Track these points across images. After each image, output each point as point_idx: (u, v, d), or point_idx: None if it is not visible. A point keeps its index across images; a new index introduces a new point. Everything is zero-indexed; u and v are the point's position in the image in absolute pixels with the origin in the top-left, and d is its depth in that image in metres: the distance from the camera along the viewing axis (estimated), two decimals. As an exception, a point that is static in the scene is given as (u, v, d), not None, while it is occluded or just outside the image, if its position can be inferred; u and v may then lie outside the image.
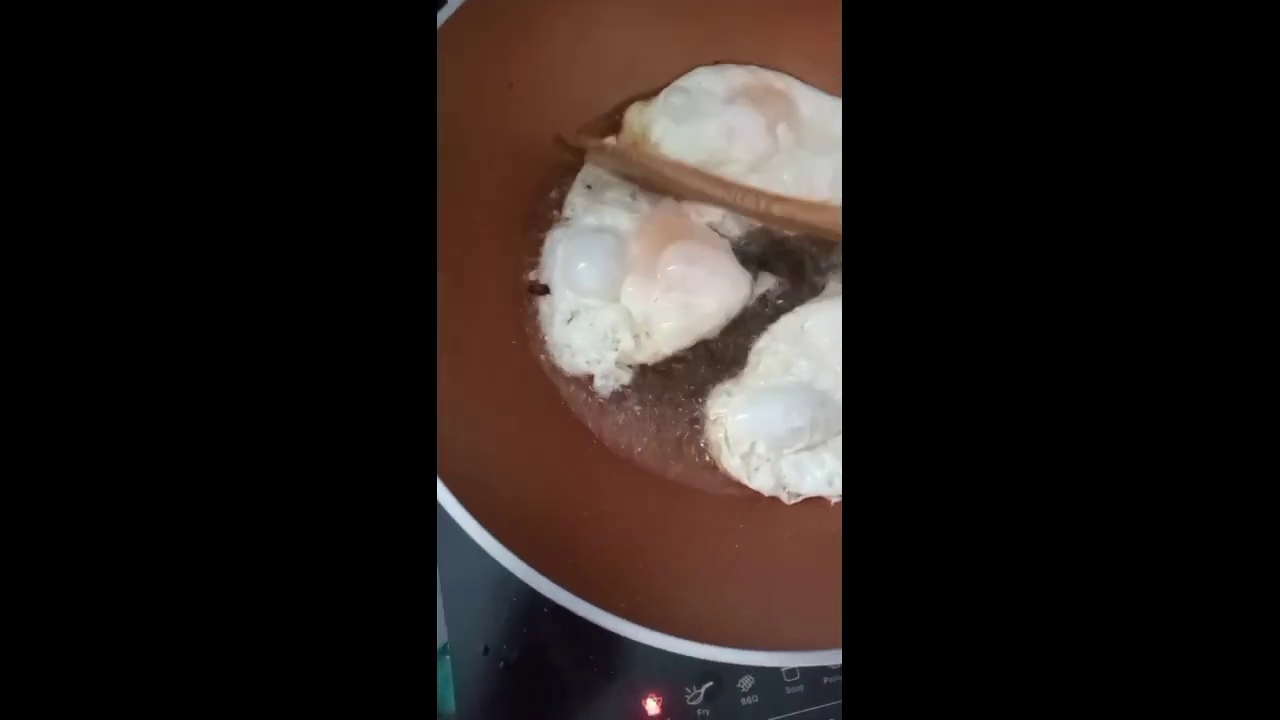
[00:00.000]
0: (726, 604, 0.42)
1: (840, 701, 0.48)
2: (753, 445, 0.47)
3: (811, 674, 0.49)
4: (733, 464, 0.48)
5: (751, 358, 0.50)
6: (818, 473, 0.48)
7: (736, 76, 0.54)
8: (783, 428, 0.47)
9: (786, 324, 0.50)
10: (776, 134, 0.53)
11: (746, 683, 0.48)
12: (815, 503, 0.48)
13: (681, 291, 0.49)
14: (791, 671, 0.49)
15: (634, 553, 0.43)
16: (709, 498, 0.49)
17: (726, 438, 0.48)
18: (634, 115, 0.53)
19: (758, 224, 0.53)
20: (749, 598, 0.43)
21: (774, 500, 0.48)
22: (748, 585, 0.44)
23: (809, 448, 0.47)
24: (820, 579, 0.43)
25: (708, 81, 0.54)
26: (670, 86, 0.54)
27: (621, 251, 0.49)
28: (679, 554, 0.45)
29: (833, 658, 0.39)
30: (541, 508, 0.43)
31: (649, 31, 0.53)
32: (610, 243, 0.49)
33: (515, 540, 0.38)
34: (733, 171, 0.52)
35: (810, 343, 0.49)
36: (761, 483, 0.48)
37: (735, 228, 0.53)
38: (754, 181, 0.52)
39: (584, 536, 0.43)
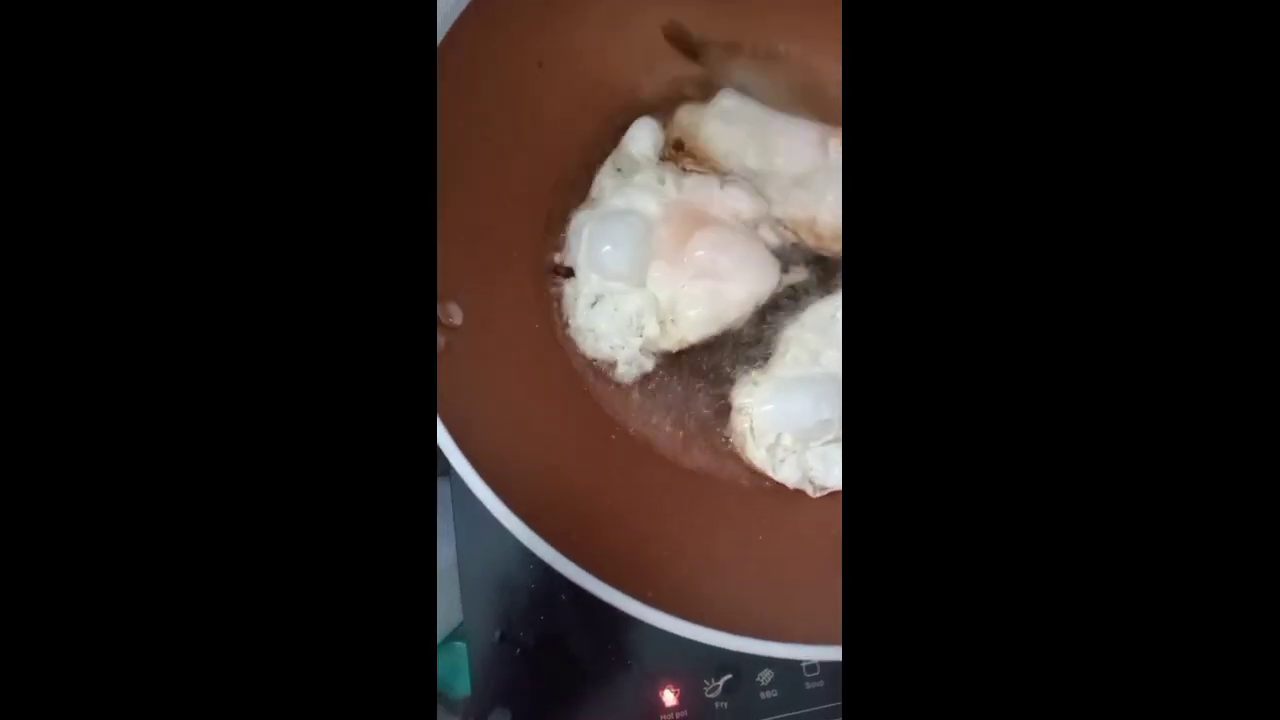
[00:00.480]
0: (747, 594, 0.41)
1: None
2: (779, 436, 0.47)
3: (832, 669, 0.48)
4: (758, 455, 0.47)
5: (779, 347, 0.49)
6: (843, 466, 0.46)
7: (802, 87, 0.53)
8: (810, 419, 0.46)
9: (816, 313, 0.49)
10: (828, 149, 0.52)
11: (766, 676, 0.48)
12: (839, 497, 0.47)
13: (710, 278, 0.48)
14: (812, 666, 0.48)
15: (654, 539, 0.43)
16: (732, 487, 0.48)
17: (752, 428, 0.47)
18: (684, 115, 0.53)
19: (793, 228, 0.52)
20: (770, 589, 0.42)
21: (798, 492, 0.47)
22: (770, 576, 0.43)
23: (836, 440, 0.46)
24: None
25: (770, 89, 0.53)
26: (725, 90, 0.53)
27: (648, 235, 0.48)
28: (699, 542, 0.44)
29: None
30: (562, 490, 0.43)
31: (682, 13, 0.52)
32: (637, 226, 0.48)
33: (536, 519, 0.37)
34: (777, 184, 0.51)
35: (839, 333, 0.48)
36: (787, 475, 0.47)
37: (767, 226, 0.51)
38: (797, 195, 0.51)
39: (604, 521, 0.43)
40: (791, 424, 0.46)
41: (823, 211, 0.50)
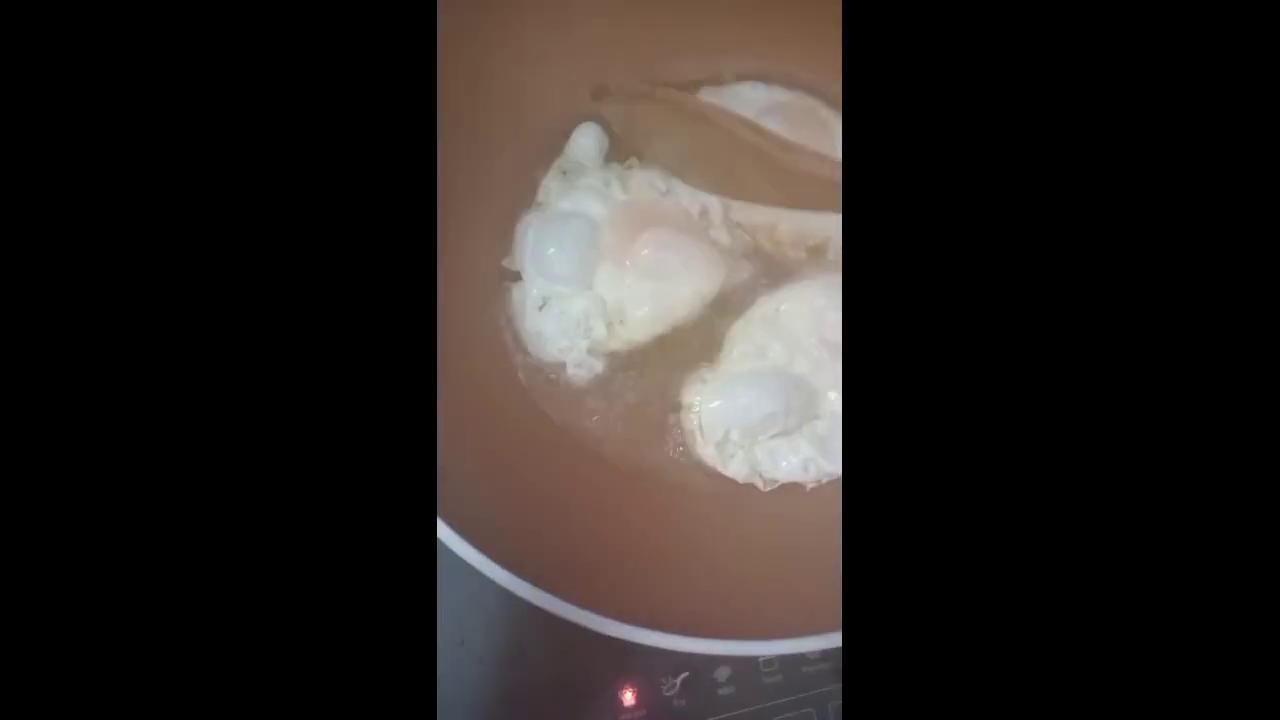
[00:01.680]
0: (700, 594, 0.41)
1: (818, 691, 0.48)
2: (727, 433, 0.47)
3: (789, 663, 0.48)
4: (707, 452, 0.47)
5: (726, 344, 0.49)
6: (793, 459, 0.47)
7: (779, 95, 0.54)
8: (756, 414, 0.46)
9: (761, 308, 0.49)
10: None
11: (723, 673, 0.48)
12: (790, 490, 0.48)
13: (655, 278, 0.48)
14: (769, 661, 0.48)
15: (605, 544, 0.43)
16: (683, 487, 0.48)
17: (700, 426, 0.47)
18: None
19: (735, 209, 0.52)
20: (723, 587, 0.42)
21: (748, 488, 0.48)
22: (721, 574, 0.43)
23: (784, 433, 0.47)
24: (795, 566, 0.43)
25: (747, 92, 0.54)
26: (706, 89, 0.53)
27: (594, 237, 0.48)
28: (650, 544, 0.44)
29: (806, 644, 0.38)
30: (508, 501, 0.43)
31: (624, 19, 0.53)
32: (582, 228, 0.48)
33: (480, 536, 0.37)
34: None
35: (785, 326, 0.48)
36: (736, 470, 0.47)
37: (713, 213, 0.52)
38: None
39: (552, 528, 0.43)
40: (739, 419, 0.46)
41: (783, 216, 0.51)
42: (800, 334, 0.48)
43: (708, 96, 0.52)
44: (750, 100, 0.52)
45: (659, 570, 0.42)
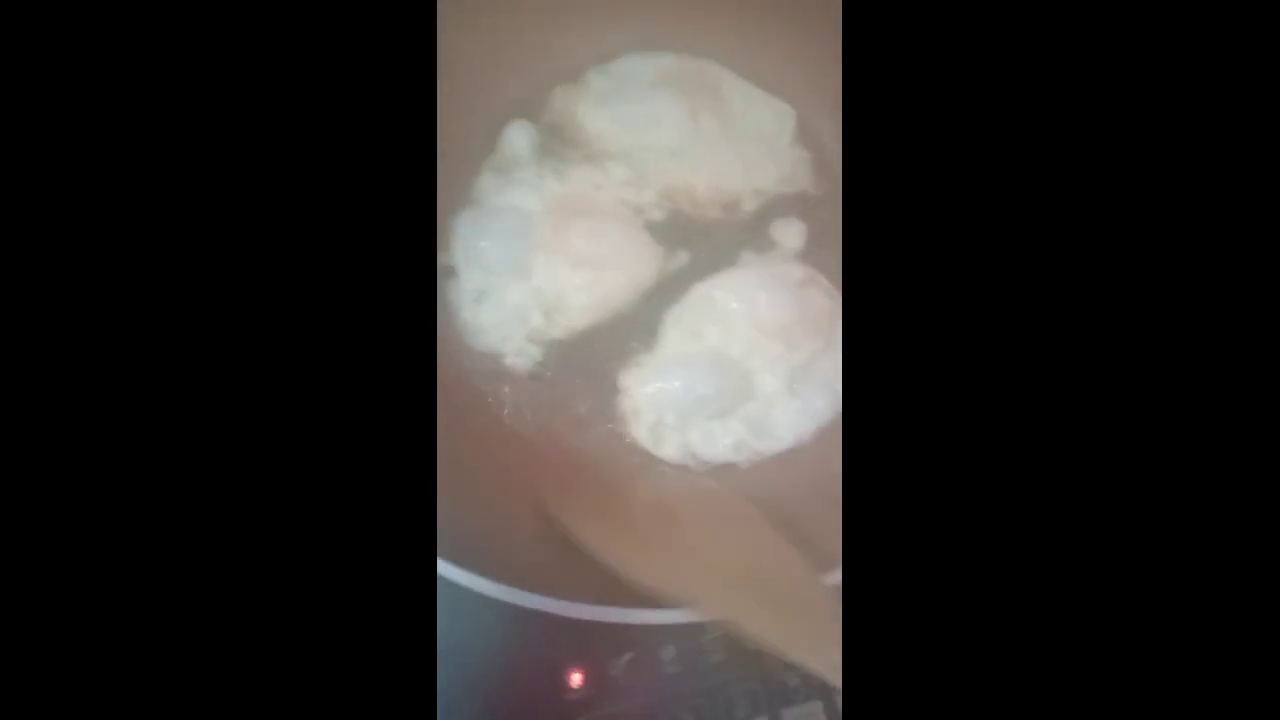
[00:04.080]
0: (636, 568, 0.43)
1: (760, 669, 0.49)
2: (661, 416, 0.48)
3: (734, 642, 0.49)
4: (641, 434, 0.48)
5: (662, 329, 0.50)
6: (725, 440, 0.48)
7: (665, 62, 0.56)
8: (689, 397, 0.47)
9: (698, 293, 0.50)
10: (699, 121, 0.54)
11: (668, 653, 0.49)
12: (724, 468, 0.49)
13: (591, 267, 0.49)
14: (713, 640, 0.49)
15: (542, 526, 0.44)
16: (623, 469, 0.49)
17: (635, 409, 0.48)
18: (559, 96, 0.54)
19: (671, 197, 0.53)
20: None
21: (685, 468, 0.49)
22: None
23: (718, 415, 0.48)
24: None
25: (635, 66, 0.55)
26: (595, 69, 0.55)
27: (527, 229, 0.49)
28: (589, 524, 0.45)
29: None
30: (450, 490, 0.43)
31: (567, 14, 0.54)
32: (513, 220, 0.49)
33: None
34: (651, 157, 0.53)
35: (721, 311, 0.49)
36: (669, 453, 0.48)
37: (648, 202, 0.53)
38: (673, 167, 0.53)
39: (491, 516, 0.44)
40: (672, 402, 0.47)
41: (698, 179, 0.52)
42: (736, 318, 0.49)
43: (597, 79, 0.54)
44: (640, 74, 0.54)
45: (595, 548, 0.43)
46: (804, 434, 0.49)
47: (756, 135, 0.54)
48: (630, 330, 0.51)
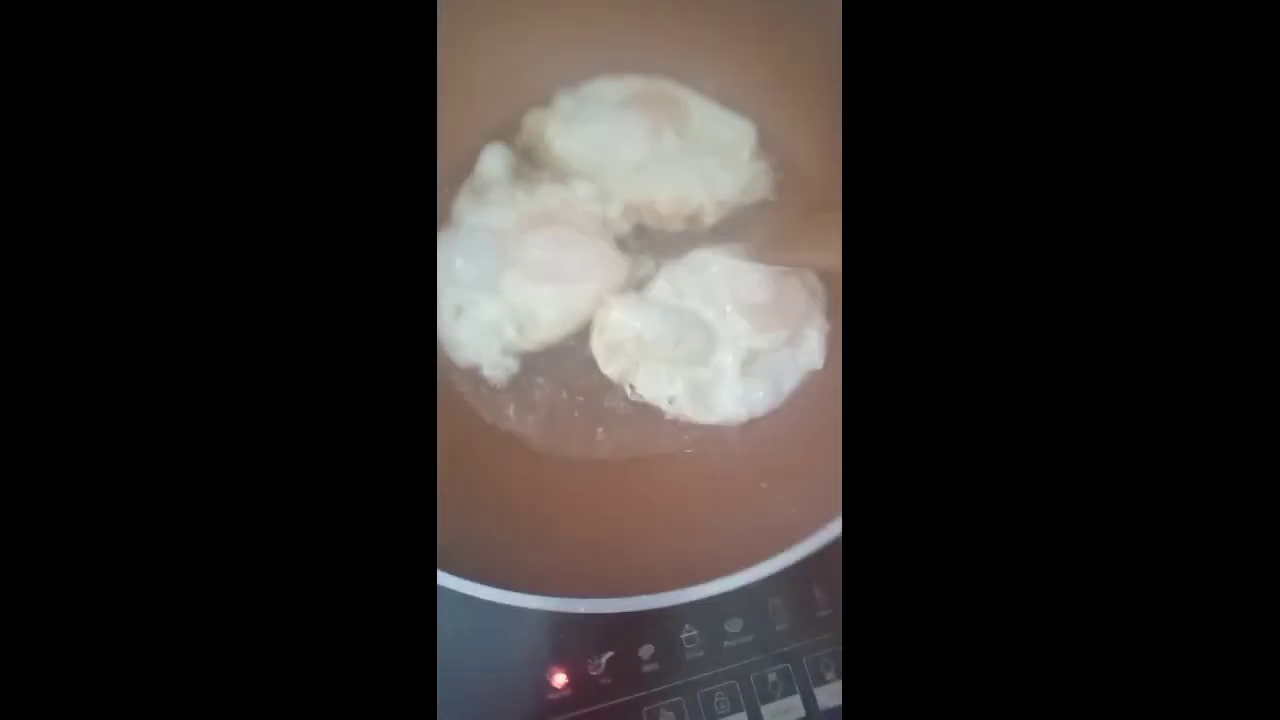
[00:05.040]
0: (611, 561, 0.44)
1: (739, 664, 0.49)
2: (622, 340, 0.51)
3: (711, 639, 0.50)
4: (597, 349, 0.52)
5: (656, 278, 0.53)
6: (665, 388, 0.51)
7: (632, 84, 0.59)
8: (650, 332, 0.50)
9: (695, 257, 0.53)
10: (661, 139, 0.57)
11: (647, 651, 0.50)
12: (691, 459, 0.51)
13: (558, 280, 0.51)
14: (691, 639, 0.50)
15: (517, 522, 0.45)
16: (598, 469, 0.51)
17: (604, 325, 0.52)
18: (531, 119, 0.58)
19: (636, 211, 0.56)
20: (631, 550, 0.45)
21: (665, 459, 0.51)
22: (634, 539, 0.46)
23: (669, 362, 0.51)
24: (695, 530, 0.46)
25: (604, 88, 0.59)
26: (565, 92, 0.58)
27: (498, 245, 0.52)
28: (563, 521, 0.47)
29: (717, 588, 0.41)
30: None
31: (538, 43, 0.57)
32: (486, 237, 0.52)
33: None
34: (618, 175, 0.56)
35: (709, 277, 0.52)
36: (613, 372, 0.52)
37: (615, 212, 0.55)
38: (636, 183, 0.56)
39: (474, 519, 0.46)
40: (634, 329, 0.50)
41: (659, 193, 0.55)
42: (718, 288, 0.52)
43: (566, 103, 0.57)
44: (607, 95, 0.57)
45: (571, 543, 0.45)
46: (735, 417, 0.51)
47: (717, 150, 0.56)
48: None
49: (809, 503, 0.43)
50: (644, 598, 0.42)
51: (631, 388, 0.52)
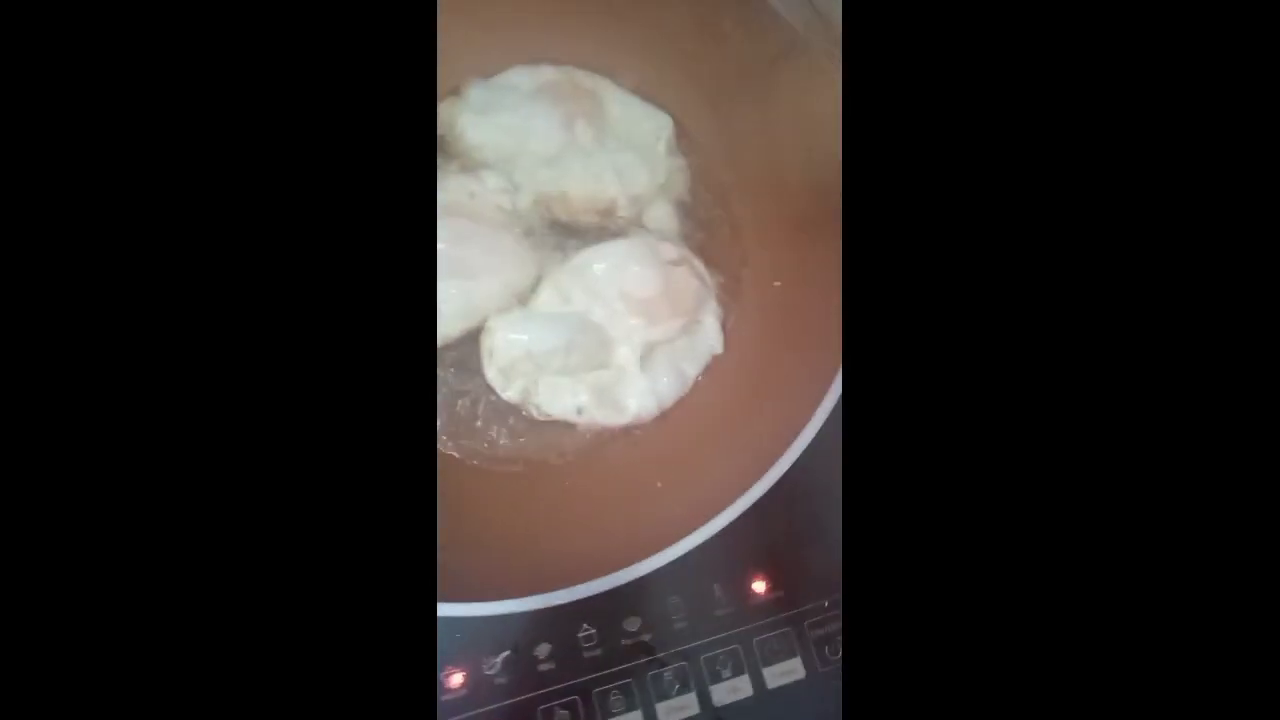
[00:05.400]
0: (497, 563, 0.43)
1: (634, 663, 0.49)
2: (514, 360, 0.49)
3: (609, 637, 0.50)
4: (490, 374, 0.50)
5: (539, 287, 0.52)
6: (568, 400, 0.50)
7: (545, 74, 0.57)
8: (540, 345, 0.49)
9: (579, 259, 0.52)
10: (574, 130, 0.55)
11: (543, 650, 0.49)
12: (582, 463, 0.50)
13: (460, 276, 0.50)
14: (589, 637, 0.50)
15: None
16: (485, 470, 0.50)
17: (492, 349, 0.50)
18: (444, 108, 0.56)
19: (546, 204, 0.55)
20: (521, 553, 0.44)
21: (542, 465, 0.50)
22: (525, 543, 0.45)
23: (568, 372, 0.50)
24: (589, 529, 0.46)
25: (517, 78, 0.57)
26: (475, 82, 0.56)
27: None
28: (458, 523, 0.45)
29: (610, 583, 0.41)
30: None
31: (455, 31, 0.55)
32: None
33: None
34: (528, 166, 0.54)
35: (594, 278, 0.51)
36: (513, 395, 0.50)
37: (525, 204, 0.54)
38: (547, 175, 0.54)
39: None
40: (524, 347, 0.50)
41: (571, 185, 0.54)
42: (605, 286, 0.51)
43: (478, 92, 0.55)
44: (519, 86, 0.55)
45: (458, 548, 0.44)
46: (645, 412, 0.50)
47: (632, 144, 0.56)
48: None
49: (706, 496, 0.43)
50: (537, 597, 0.41)
51: (537, 408, 0.50)
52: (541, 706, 0.48)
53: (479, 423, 0.51)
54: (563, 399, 0.50)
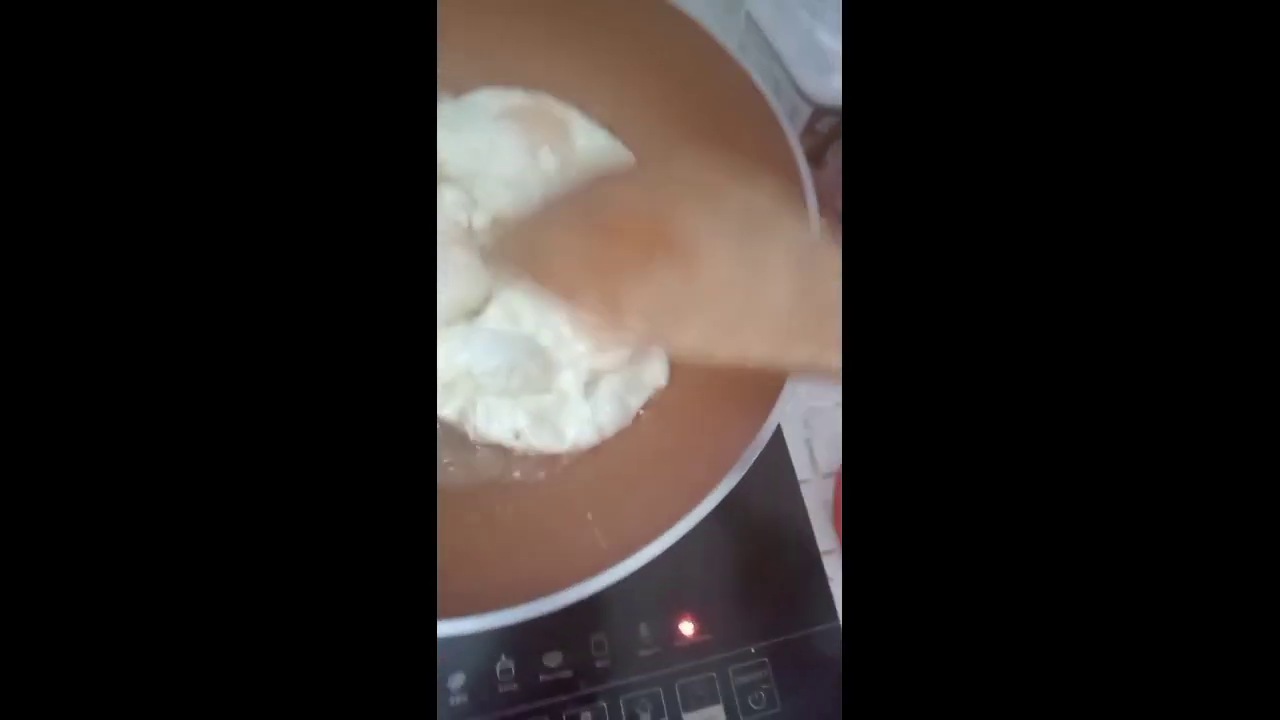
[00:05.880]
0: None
1: (555, 699, 0.48)
2: (454, 378, 0.48)
3: (526, 672, 0.48)
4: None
5: (488, 306, 0.51)
6: (506, 423, 0.48)
7: (514, 98, 0.58)
8: (482, 365, 0.48)
9: (525, 280, 0.50)
10: (538, 156, 0.56)
11: (456, 681, 0.47)
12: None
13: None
14: (506, 670, 0.48)
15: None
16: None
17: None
18: None
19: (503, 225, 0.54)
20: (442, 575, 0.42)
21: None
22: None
23: (508, 394, 0.48)
24: (508, 558, 0.44)
25: (485, 99, 0.57)
26: (447, 100, 0.56)
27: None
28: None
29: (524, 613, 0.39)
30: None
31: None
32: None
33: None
34: (489, 186, 0.54)
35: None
36: (449, 414, 0.49)
37: (482, 223, 0.53)
38: (507, 198, 0.54)
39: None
40: (466, 365, 0.48)
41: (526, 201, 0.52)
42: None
43: (445, 109, 0.55)
44: (487, 107, 0.56)
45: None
46: (584, 440, 0.49)
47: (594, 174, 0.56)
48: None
49: (636, 530, 0.42)
50: (451, 622, 0.39)
51: (474, 429, 0.49)
52: (451, 741, 0.46)
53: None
54: (500, 421, 0.48)
